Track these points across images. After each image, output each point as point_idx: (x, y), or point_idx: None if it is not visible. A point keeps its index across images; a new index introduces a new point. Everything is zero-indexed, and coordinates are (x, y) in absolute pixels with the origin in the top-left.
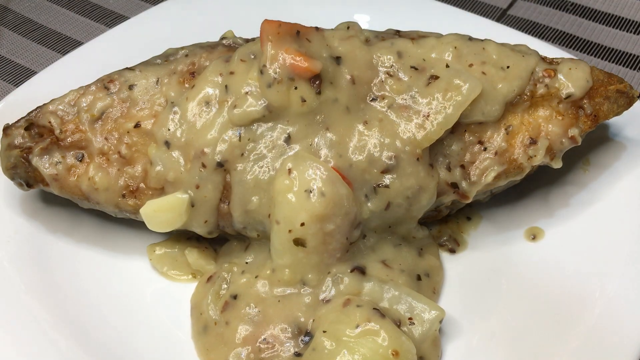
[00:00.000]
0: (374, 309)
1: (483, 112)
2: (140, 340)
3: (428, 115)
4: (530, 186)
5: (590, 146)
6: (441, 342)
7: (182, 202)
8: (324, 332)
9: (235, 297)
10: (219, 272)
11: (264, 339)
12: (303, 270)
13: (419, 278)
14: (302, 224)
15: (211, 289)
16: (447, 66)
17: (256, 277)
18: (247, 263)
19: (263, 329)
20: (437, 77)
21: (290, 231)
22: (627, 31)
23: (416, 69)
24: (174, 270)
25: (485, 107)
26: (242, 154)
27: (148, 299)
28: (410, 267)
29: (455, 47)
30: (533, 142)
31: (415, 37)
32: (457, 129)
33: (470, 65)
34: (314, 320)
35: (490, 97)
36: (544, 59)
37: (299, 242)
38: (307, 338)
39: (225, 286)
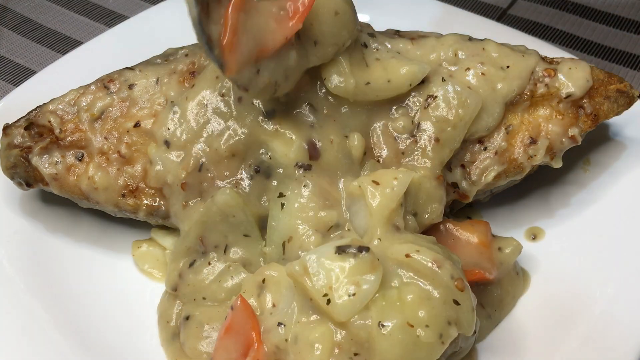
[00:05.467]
0: None
1: (487, 127)
2: (140, 339)
3: (438, 140)
4: (530, 186)
5: (590, 146)
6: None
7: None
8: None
9: (187, 318)
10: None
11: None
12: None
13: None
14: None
15: (174, 306)
16: (443, 80)
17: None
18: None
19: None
20: (435, 97)
21: None
22: (627, 31)
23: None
24: (154, 270)
25: (488, 120)
26: None
27: (147, 298)
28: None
29: (455, 49)
30: (533, 141)
31: (415, 37)
32: None
33: (468, 69)
34: None
35: (491, 105)
36: (544, 58)
37: None
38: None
39: (180, 307)
